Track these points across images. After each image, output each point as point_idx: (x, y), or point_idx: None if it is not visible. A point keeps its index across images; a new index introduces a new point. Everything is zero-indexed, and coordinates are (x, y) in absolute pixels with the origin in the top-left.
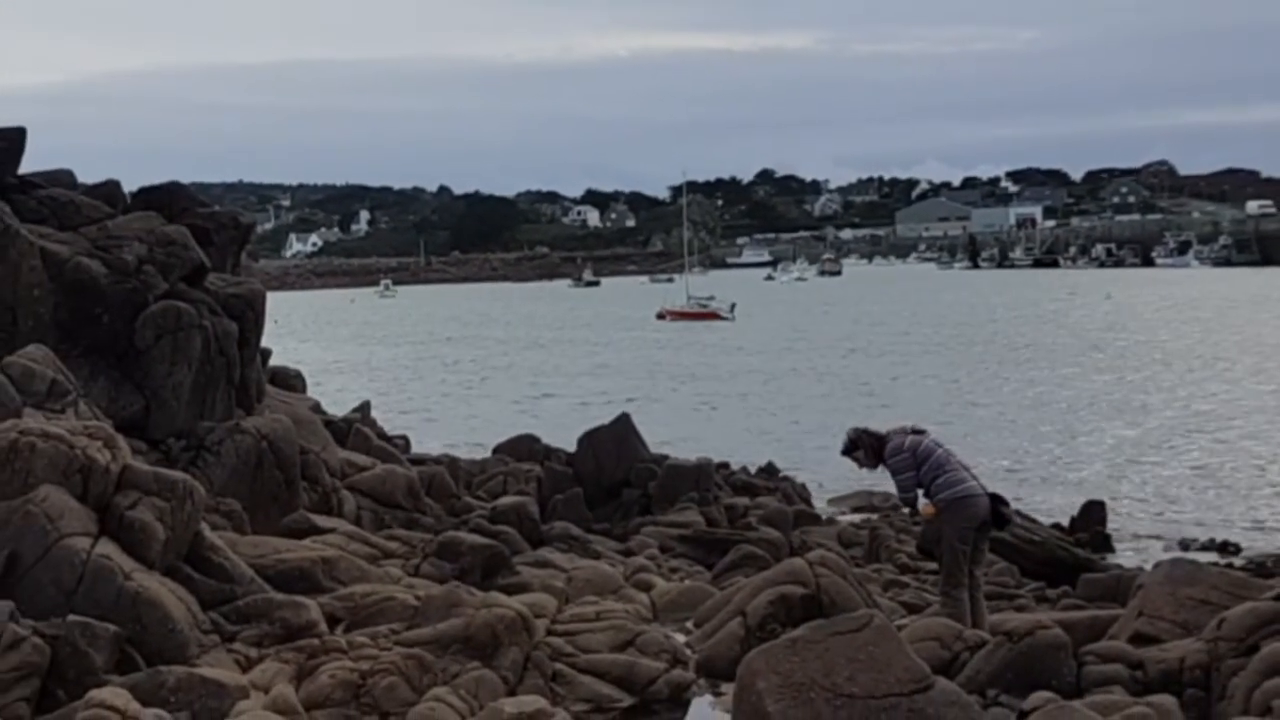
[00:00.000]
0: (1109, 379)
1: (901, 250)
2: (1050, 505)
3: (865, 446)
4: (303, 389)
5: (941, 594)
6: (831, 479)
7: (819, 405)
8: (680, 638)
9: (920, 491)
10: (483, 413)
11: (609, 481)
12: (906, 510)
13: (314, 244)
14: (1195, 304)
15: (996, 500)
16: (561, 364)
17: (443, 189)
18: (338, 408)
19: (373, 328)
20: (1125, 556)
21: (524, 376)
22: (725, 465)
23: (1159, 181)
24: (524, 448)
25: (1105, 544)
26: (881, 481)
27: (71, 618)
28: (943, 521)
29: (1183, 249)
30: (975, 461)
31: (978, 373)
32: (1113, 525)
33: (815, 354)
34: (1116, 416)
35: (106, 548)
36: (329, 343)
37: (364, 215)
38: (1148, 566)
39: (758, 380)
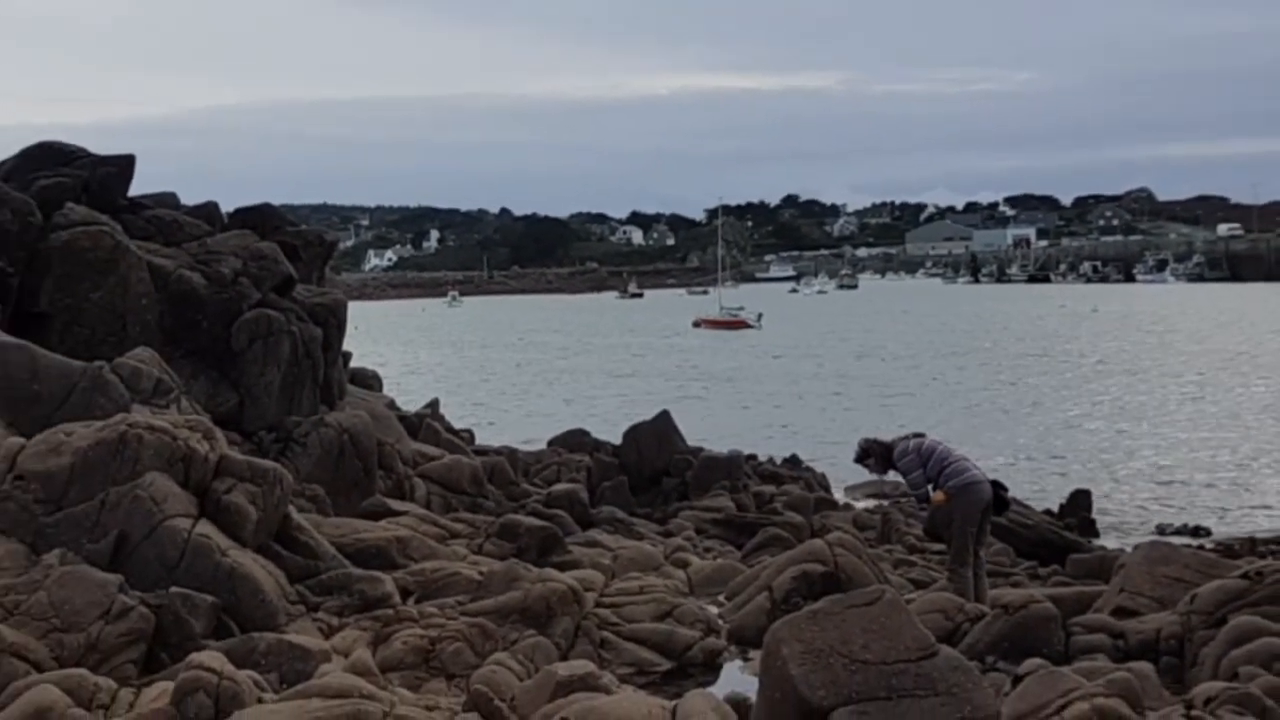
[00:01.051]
0: (1095, 384)
1: (911, 267)
2: (1043, 493)
3: (875, 455)
4: (379, 388)
5: (949, 571)
6: (848, 469)
7: (838, 403)
8: (713, 609)
9: (930, 485)
10: (539, 410)
11: (650, 471)
12: (917, 501)
13: (389, 259)
14: (1170, 318)
15: (997, 486)
16: (609, 366)
17: (504, 210)
18: (410, 404)
19: (441, 334)
20: (1109, 539)
21: (576, 378)
22: (753, 457)
23: (1139, 206)
24: (575, 441)
25: (1091, 528)
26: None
27: (174, 590)
28: (952, 507)
29: (1160, 266)
30: (975, 454)
31: (978, 375)
32: (1098, 511)
33: (834, 358)
34: (1103, 416)
35: (205, 528)
36: (403, 347)
37: (434, 234)
38: (1128, 548)
39: (783, 381)
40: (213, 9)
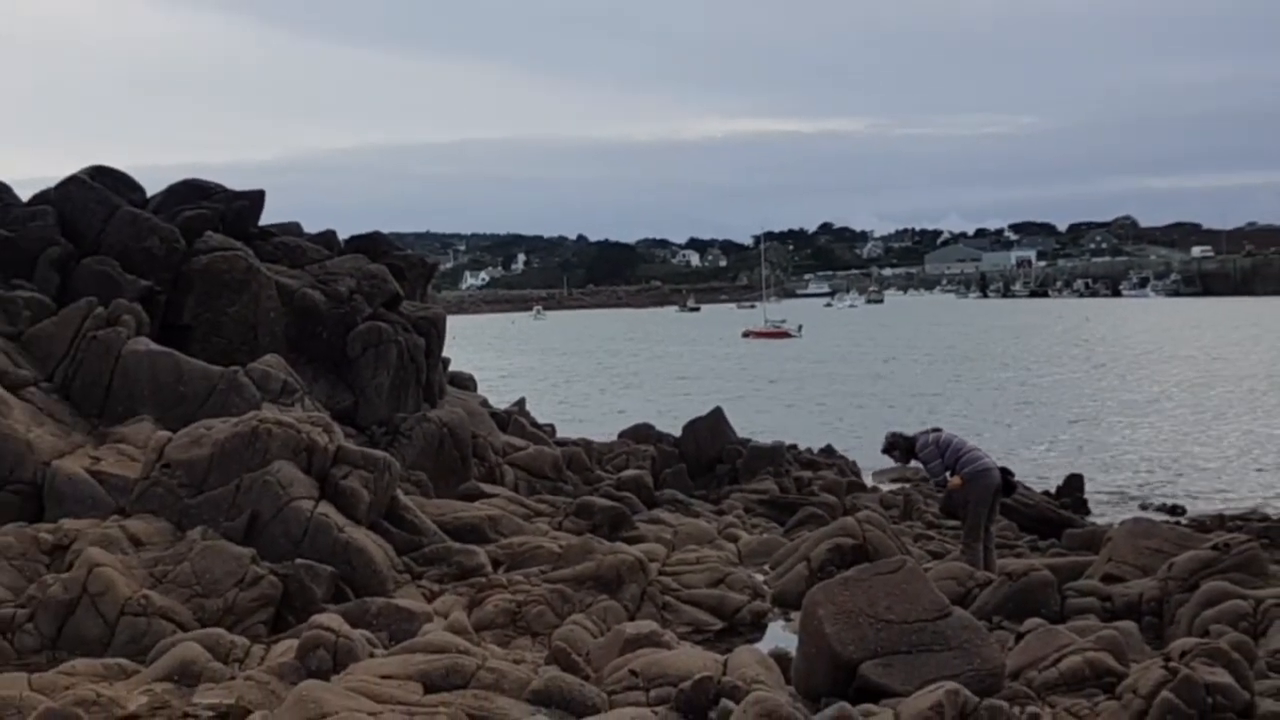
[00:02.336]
0: (1090, 384)
1: (929, 284)
2: (1045, 478)
3: (899, 447)
4: (474, 388)
5: (964, 544)
6: (875, 458)
7: (867, 401)
8: (759, 577)
9: (948, 471)
10: (611, 406)
11: (706, 459)
12: (936, 486)
13: (483, 279)
14: (1154, 328)
15: (1005, 473)
16: (670, 370)
17: (580, 236)
18: (501, 403)
19: (527, 343)
20: (1098, 516)
21: (642, 379)
22: (794, 447)
23: (1124, 232)
24: (641, 433)
25: (1083, 507)
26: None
27: (299, 561)
28: (967, 490)
29: (1143, 283)
30: (984, 441)
31: (988, 375)
32: (1089, 493)
33: (864, 362)
34: (1095, 410)
35: (325, 508)
36: (494, 354)
37: (521, 257)
38: (1115, 524)
39: (820, 382)
40: (330, 66)
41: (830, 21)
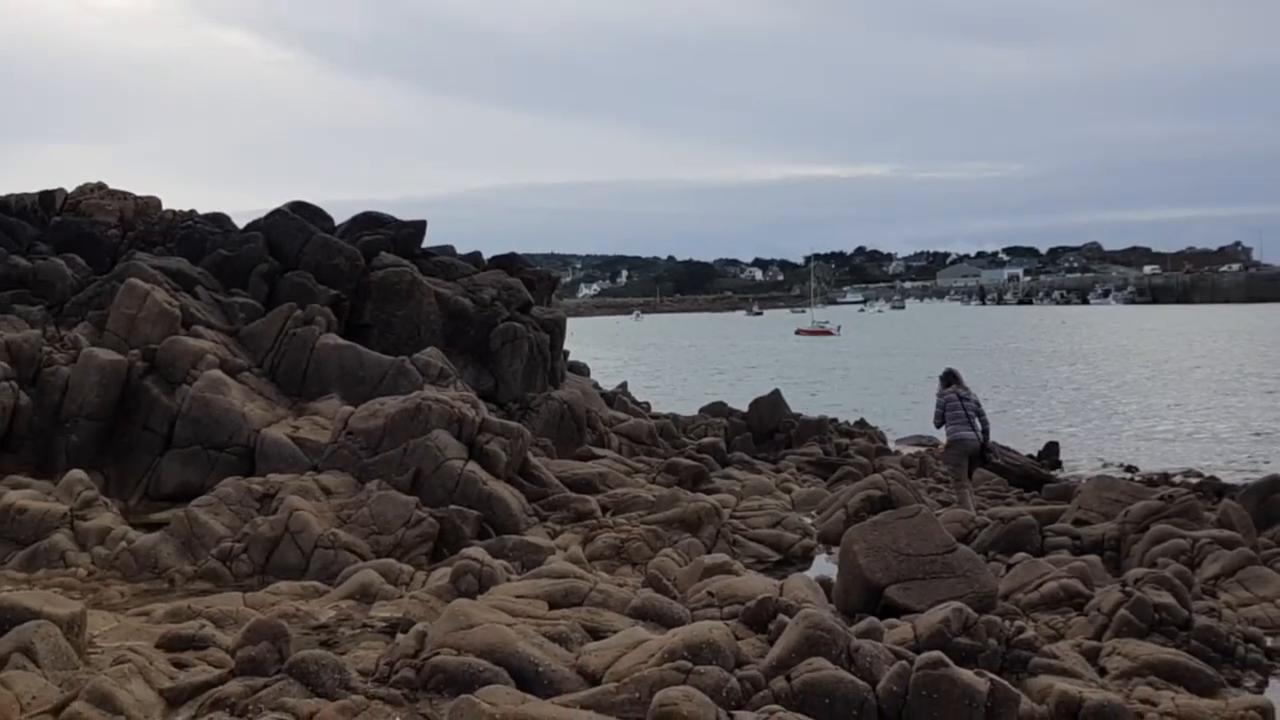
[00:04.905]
0: (1066, 369)
1: (940, 294)
2: (1035, 444)
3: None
4: (587, 373)
5: (950, 489)
6: (898, 427)
7: (891, 385)
8: (808, 520)
9: (943, 430)
10: (694, 388)
11: (766, 429)
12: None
13: (594, 289)
14: (1116, 331)
15: (984, 445)
16: (740, 360)
17: (670, 256)
18: (608, 384)
19: (629, 339)
20: (1070, 474)
21: (718, 366)
22: (835, 420)
23: (1092, 254)
24: (716, 409)
25: (1058, 466)
26: (926, 429)
27: (452, 507)
28: (947, 452)
29: (1106, 294)
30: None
31: (986, 368)
32: (1064, 455)
33: (891, 355)
34: (1070, 391)
35: (472, 466)
36: (604, 347)
37: (624, 273)
38: (1084, 479)
39: (855, 370)
40: (477, 124)
41: (863, 92)
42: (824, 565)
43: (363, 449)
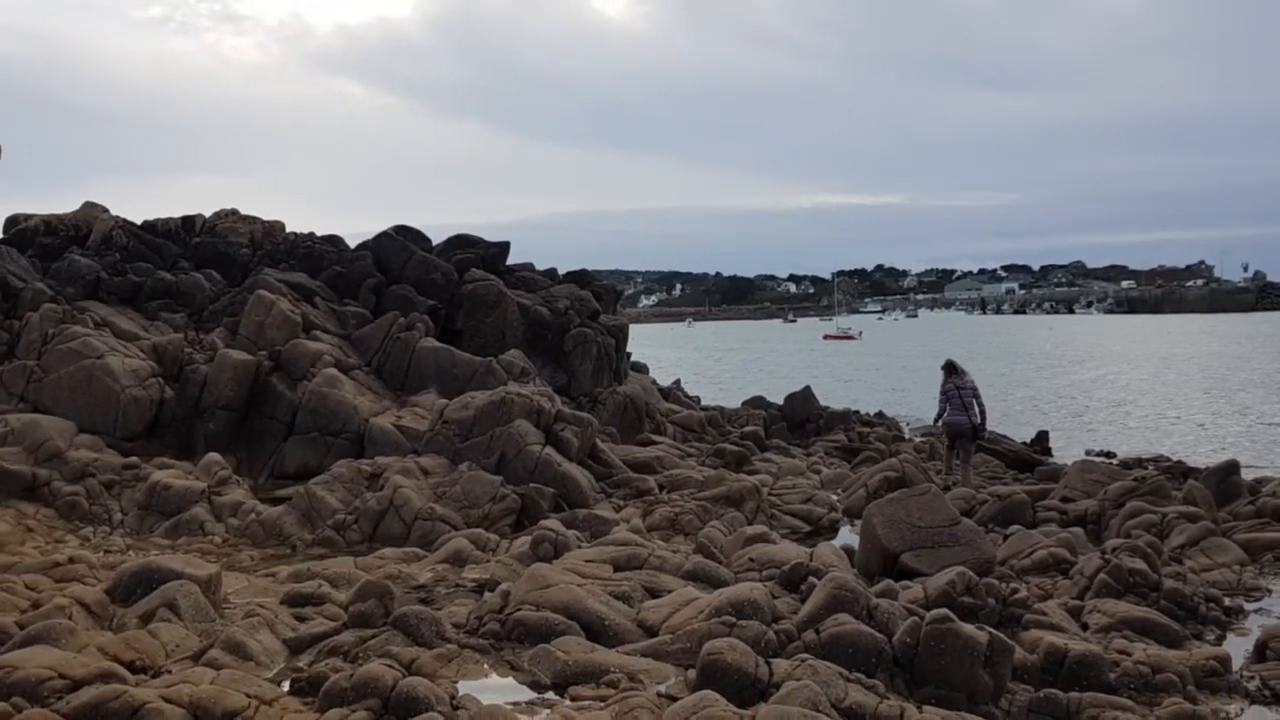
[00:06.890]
0: (1054, 370)
1: (948, 305)
2: (1029, 432)
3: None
4: (646, 372)
5: (945, 470)
6: (913, 418)
7: (908, 382)
8: (834, 497)
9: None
10: (739, 384)
11: (800, 419)
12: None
13: (653, 300)
14: (1099, 340)
15: (976, 429)
16: (776, 360)
17: (717, 272)
18: (664, 380)
19: (683, 343)
20: (1058, 458)
21: (760, 365)
22: (857, 411)
23: (1077, 271)
24: (757, 402)
25: (1047, 452)
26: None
27: (531, 485)
28: (942, 434)
29: (1089, 305)
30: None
31: (987, 369)
32: (1053, 442)
33: (906, 357)
34: (1059, 386)
35: (549, 450)
36: (661, 350)
37: (678, 286)
38: (1069, 463)
39: (875, 369)
40: (552, 159)
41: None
42: (848, 535)
43: (456, 436)
